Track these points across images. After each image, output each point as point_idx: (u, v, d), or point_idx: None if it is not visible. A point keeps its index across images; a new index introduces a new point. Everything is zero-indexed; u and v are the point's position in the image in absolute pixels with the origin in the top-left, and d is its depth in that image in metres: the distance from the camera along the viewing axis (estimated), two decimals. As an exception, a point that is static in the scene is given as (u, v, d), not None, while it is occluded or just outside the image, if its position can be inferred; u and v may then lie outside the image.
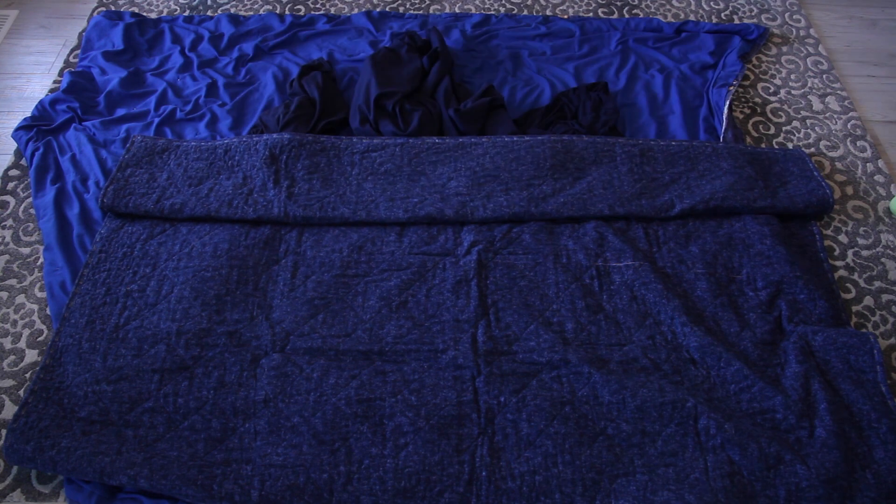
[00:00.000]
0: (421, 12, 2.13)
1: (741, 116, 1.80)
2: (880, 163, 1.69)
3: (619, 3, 2.17)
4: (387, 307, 1.32)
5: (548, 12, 2.14)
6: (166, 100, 1.82)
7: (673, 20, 2.11)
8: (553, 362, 1.24)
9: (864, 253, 1.51)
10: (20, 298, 1.42)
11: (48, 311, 1.39)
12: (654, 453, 1.12)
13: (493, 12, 2.14)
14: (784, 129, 1.78)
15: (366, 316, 1.31)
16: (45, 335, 1.36)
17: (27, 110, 1.79)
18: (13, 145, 1.72)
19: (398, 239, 1.44)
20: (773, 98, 1.86)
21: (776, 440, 1.12)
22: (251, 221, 1.47)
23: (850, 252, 1.51)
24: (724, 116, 1.73)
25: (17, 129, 1.71)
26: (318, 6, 2.17)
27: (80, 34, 2.05)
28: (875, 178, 1.66)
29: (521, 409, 1.18)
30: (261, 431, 1.16)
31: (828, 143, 1.74)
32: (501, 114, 1.72)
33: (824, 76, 1.93)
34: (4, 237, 1.53)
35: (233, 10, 2.15)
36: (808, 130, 1.78)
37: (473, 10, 2.14)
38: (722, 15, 2.14)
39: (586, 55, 1.95)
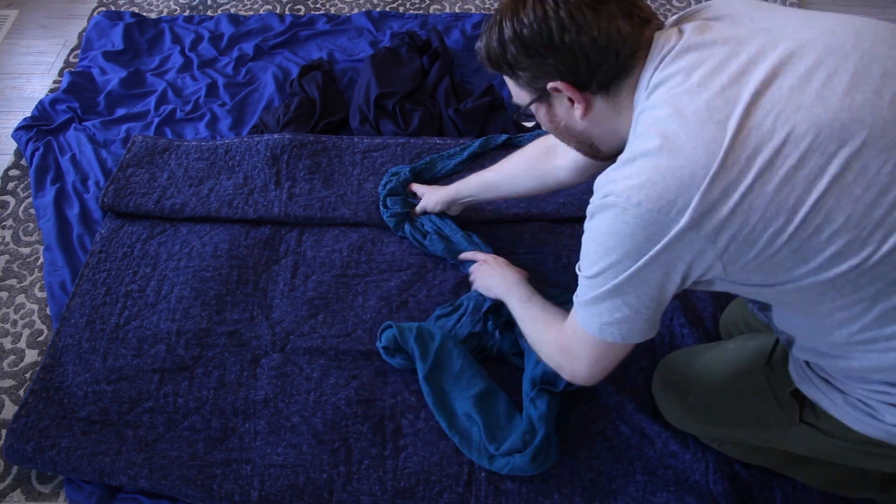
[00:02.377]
0: (421, 12, 2.13)
1: (741, 117, 1.79)
2: (880, 163, 1.69)
3: (619, 4, 2.16)
4: (387, 307, 1.32)
5: (548, 12, 2.14)
6: (166, 100, 1.82)
7: (673, 20, 2.11)
8: (553, 363, 1.23)
9: (864, 253, 1.51)
10: (20, 298, 1.42)
11: (48, 311, 1.39)
12: (654, 454, 1.12)
13: (493, 12, 2.13)
14: (784, 129, 1.78)
15: (366, 316, 1.31)
16: (45, 335, 1.36)
17: (27, 110, 1.79)
18: (13, 145, 1.72)
19: (398, 239, 1.44)
20: (773, 98, 1.86)
21: (775, 441, 1.12)
22: (251, 221, 1.47)
23: (849, 252, 1.51)
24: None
25: (17, 129, 1.71)
26: (318, 6, 2.17)
27: (80, 34, 2.06)
28: (875, 178, 1.66)
29: (521, 409, 1.18)
30: (261, 431, 1.16)
31: (828, 144, 1.74)
32: (501, 114, 1.72)
33: (824, 76, 1.93)
34: (4, 237, 1.53)
35: (233, 10, 2.15)
36: (808, 131, 1.77)
37: (473, 10, 2.15)
38: (722, 15, 2.13)
39: (586, 55, 1.95)
